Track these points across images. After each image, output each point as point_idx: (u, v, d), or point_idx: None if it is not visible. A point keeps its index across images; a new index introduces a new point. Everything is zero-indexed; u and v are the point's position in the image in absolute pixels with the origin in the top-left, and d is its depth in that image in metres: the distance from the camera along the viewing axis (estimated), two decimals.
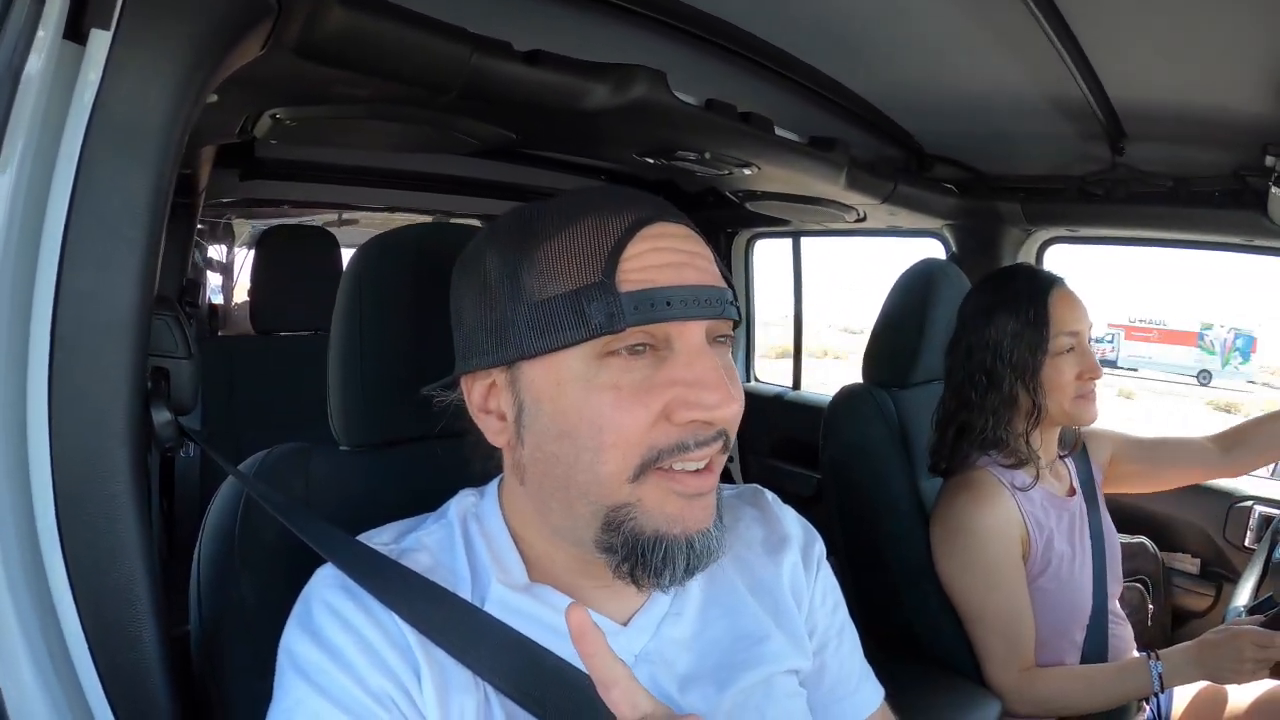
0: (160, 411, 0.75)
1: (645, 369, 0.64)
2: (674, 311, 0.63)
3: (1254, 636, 1.26)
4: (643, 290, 0.63)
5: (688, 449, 0.63)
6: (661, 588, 0.66)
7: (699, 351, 0.64)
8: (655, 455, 0.63)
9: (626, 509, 0.64)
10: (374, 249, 0.92)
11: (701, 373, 0.63)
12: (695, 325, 0.65)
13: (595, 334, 0.63)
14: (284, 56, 0.90)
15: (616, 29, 1.30)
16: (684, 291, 0.64)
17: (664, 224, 0.68)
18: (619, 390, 0.63)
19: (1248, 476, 2.04)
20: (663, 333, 0.64)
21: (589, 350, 0.64)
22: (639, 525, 0.64)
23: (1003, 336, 1.43)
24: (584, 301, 0.63)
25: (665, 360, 0.64)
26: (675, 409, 0.63)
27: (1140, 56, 1.35)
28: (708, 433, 0.64)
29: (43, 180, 0.64)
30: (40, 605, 0.66)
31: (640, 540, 0.64)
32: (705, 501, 0.66)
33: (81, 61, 0.64)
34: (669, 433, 0.63)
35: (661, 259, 0.65)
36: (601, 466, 0.64)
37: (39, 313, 0.65)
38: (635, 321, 0.62)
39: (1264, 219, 1.74)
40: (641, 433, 0.63)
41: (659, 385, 0.64)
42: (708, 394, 0.63)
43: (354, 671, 0.62)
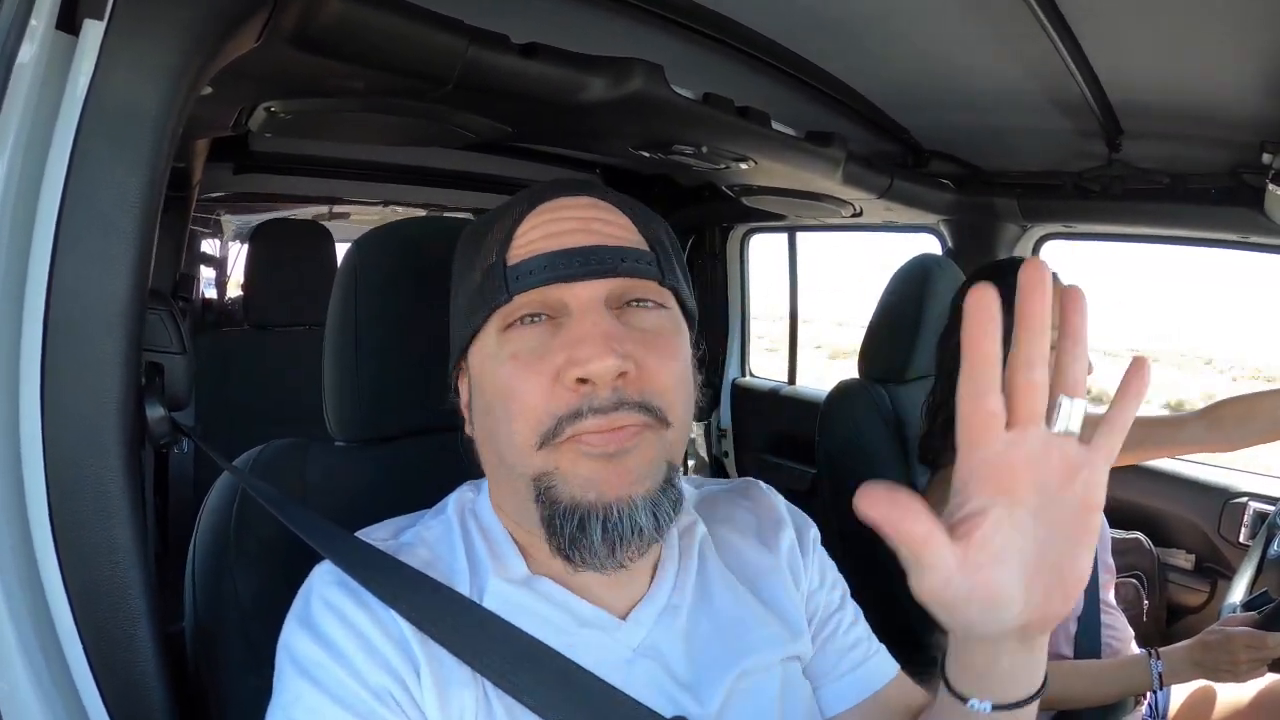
0: (154, 407, 0.74)
1: (542, 336, 0.66)
2: (555, 274, 0.65)
3: (1247, 638, 1.27)
4: (525, 260, 0.66)
5: (583, 416, 0.63)
6: (594, 567, 0.65)
7: (586, 310, 0.65)
8: (555, 424, 0.63)
9: (547, 477, 0.65)
10: (369, 243, 0.91)
11: (583, 330, 0.64)
12: (586, 286, 0.66)
13: (491, 309, 0.67)
14: (279, 48, 0.89)
15: (614, 22, 1.29)
16: (567, 254, 0.66)
17: (563, 199, 0.70)
18: (517, 359, 0.65)
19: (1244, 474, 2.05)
20: (557, 299, 0.66)
21: (494, 326, 0.67)
22: (558, 492, 0.64)
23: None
24: (485, 282, 0.67)
25: (561, 326, 0.66)
26: (562, 370, 0.63)
27: (1138, 53, 1.34)
28: (601, 397, 0.63)
29: (35, 172, 0.63)
30: (34, 602, 0.65)
31: (558, 509, 0.64)
32: (624, 466, 0.64)
33: (74, 52, 0.64)
34: (567, 399, 0.63)
35: (549, 229, 0.68)
36: (515, 436, 0.65)
37: (31, 306, 0.64)
38: (518, 289, 0.65)
39: (1260, 216, 1.74)
40: (540, 398, 0.64)
41: (553, 349, 0.64)
42: (582, 349, 0.62)
43: (353, 668, 0.62)
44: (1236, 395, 1.60)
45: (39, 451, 0.65)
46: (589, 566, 0.65)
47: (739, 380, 3.42)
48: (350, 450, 0.91)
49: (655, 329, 0.68)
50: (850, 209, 2.32)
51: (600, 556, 0.64)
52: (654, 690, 0.69)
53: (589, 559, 0.64)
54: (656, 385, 0.66)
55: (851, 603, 0.88)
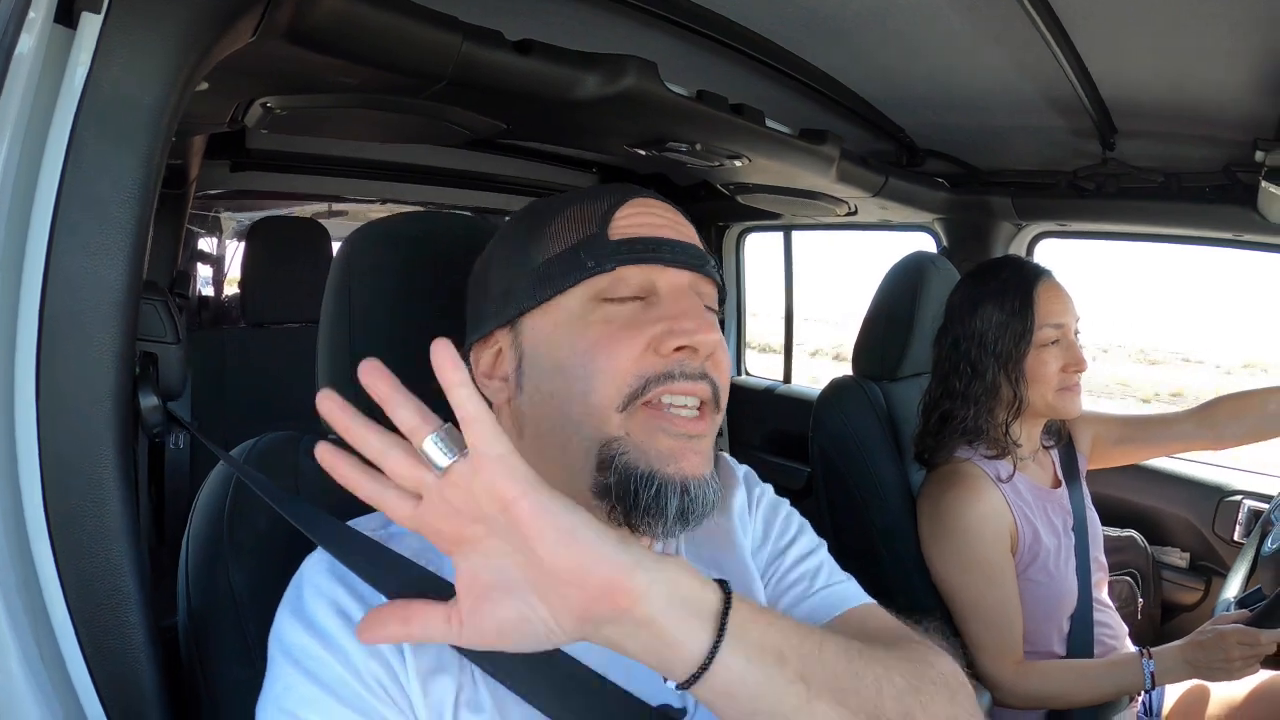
0: (147, 396, 0.75)
1: (635, 312, 0.70)
2: (660, 255, 0.70)
3: (1240, 636, 1.27)
4: (634, 237, 0.70)
5: (673, 378, 0.67)
6: (655, 534, 0.68)
7: (683, 292, 0.71)
8: (643, 384, 0.67)
9: (618, 443, 0.67)
10: (362, 237, 0.91)
11: (684, 307, 0.69)
12: (678, 273, 0.71)
13: (589, 274, 0.69)
14: (275, 43, 0.89)
15: (608, 19, 1.30)
16: (670, 243, 0.71)
17: (651, 198, 0.75)
18: (610, 324, 0.69)
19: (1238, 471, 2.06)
20: (649, 281, 0.70)
21: (584, 293, 0.70)
22: (631, 459, 0.67)
23: (987, 327, 1.44)
24: (580, 251, 0.70)
25: (653, 305, 0.70)
26: (660, 340, 0.67)
27: (1132, 52, 1.35)
28: (693, 365, 0.68)
29: (32, 163, 0.64)
30: (27, 592, 0.66)
31: (634, 476, 0.66)
32: (699, 447, 0.69)
33: (72, 45, 0.64)
34: (655, 363, 0.67)
35: (649, 219, 0.72)
36: (593, 395, 0.67)
37: (27, 295, 0.65)
38: (624, 261, 0.69)
39: (1253, 214, 1.75)
40: (630, 361, 0.67)
41: (646, 322, 0.69)
42: (687, 321, 0.68)
43: (345, 657, 0.62)
44: (1229, 393, 1.61)
45: (33, 440, 0.65)
46: (649, 533, 0.68)
47: (735, 379, 3.42)
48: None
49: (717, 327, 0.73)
50: (845, 207, 2.33)
51: (669, 525, 0.67)
52: (638, 677, 0.69)
53: (655, 527, 0.67)
54: (722, 374, 0.71)
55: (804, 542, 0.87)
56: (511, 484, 0.50)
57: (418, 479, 0.52)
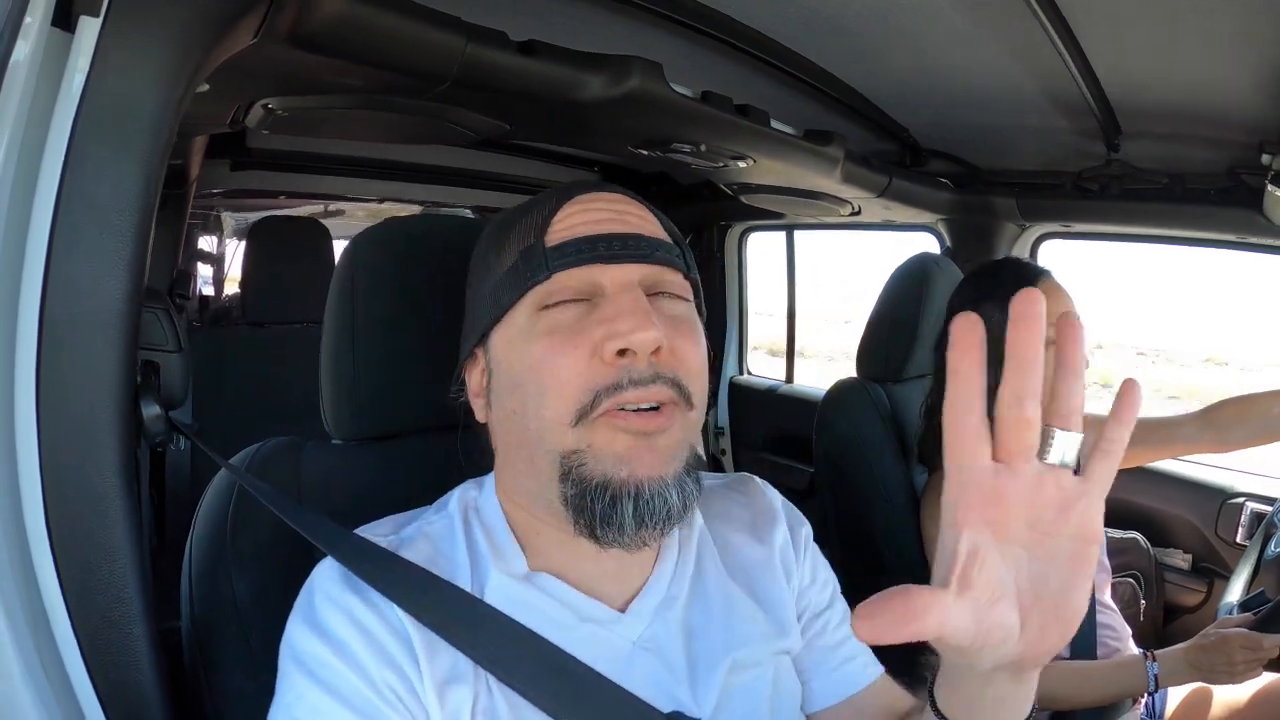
0: (150, 406, 0.74)
1: (578, 315, 0.68)
2: (596, 253, 0.68)
3: (1243, 640, 1.27)
4: (568, 240, 0.69)
5: (621, 388, 0.65)
6: (624, 545, 0.66)
7: (623, 290, 0.67)
8: (593, 397, 0.65)
9: (578, 455, 0.66)
10: (367, 240, 0.91)
11: (622, 305, 0.66)
12: (621, 270, 0.69)
13: (528, 286, 0.68)
14: (276, 45, 0.88)
15: (612, 20, 1.29)
16: (606, 238, 0.69)
17: (595, 192, 0.73)
18: (553, 335, 0.67)
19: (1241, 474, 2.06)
20: (591, 281, 0.68)
21: (528, 305, 0.69)
22: (589, 470, 0.65)
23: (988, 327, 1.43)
24: (521, 263, 0.69)
25: (597, 306, 0.68)
26: (600, 345, 0.65)
27: (1137, 53, 1.34)
28: (640, 368, 0.65)
29: (31, 169, 0.63)
30: (29, 601, 0.65)
31: (588, 485, 0.65)
32: (656, 445, 0.66)
33: (70, 49, 0.63)
34: (604, 372, 0.65)
35: (588, 217, 0.70)
36: (546, 411, 0.66)
37: (27, 304, 0.64)
38: (559, 267, 0.68)
39: (1259, 216, 1.74)
40: (577, 374, 0.65)
41: (589, 326, 0.66)
42: (623, 321, 0.65)
43: (358, 664, 0.62)
44: (1233, 396, 1.60)
45: (34, 449, 0.65)
46: (615, 544, 0.66)
47: (736, 379, 3.42)
48: (347, 449, 0.91)
49: (682, 316, 0.71)
50: (849, 208, 2.32)
51: (629, 533, 0.65)
52: (652, 684, 0.69)
53: (616, 536, 0.66)
54: (684, 367, 0.68)
55: (841, 602, 0.88)
56: (1097, 524, 0.50)
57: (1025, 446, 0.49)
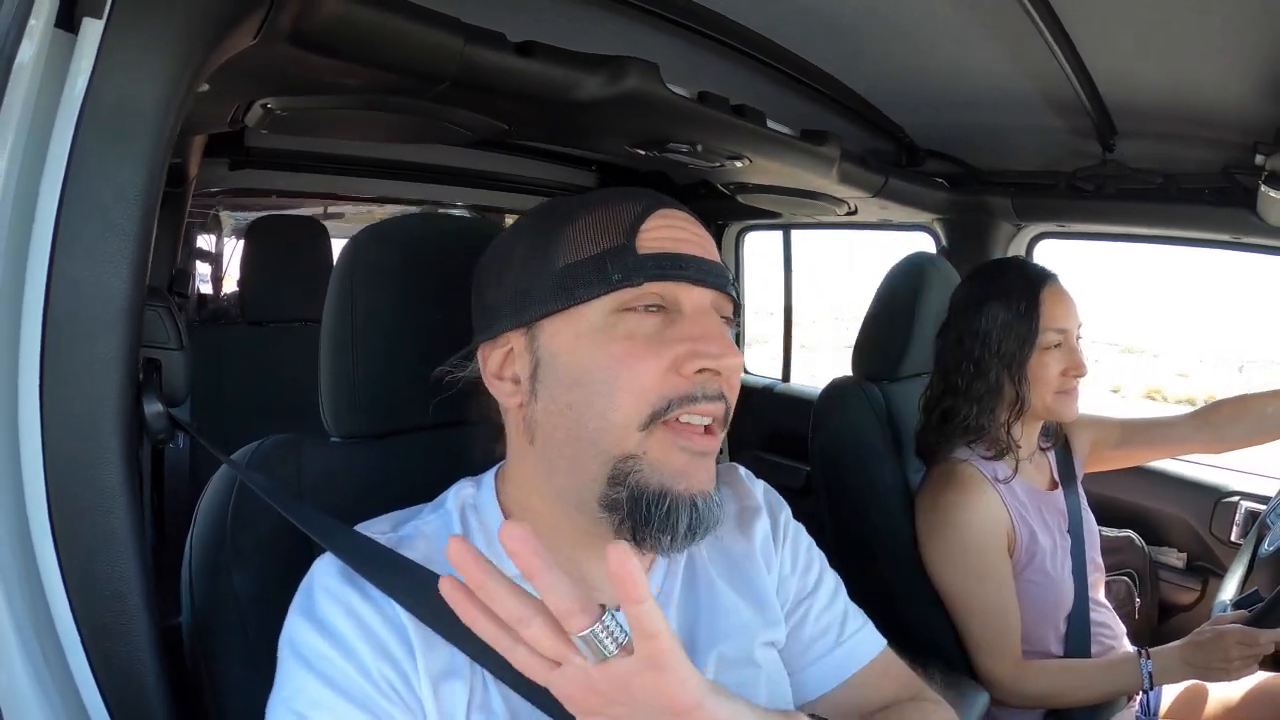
0: (152, 403, 0.74)
1: (658, 325, 0.69)
2: (687, 274, 0.69)
3: (1239, 636, 1.27)
4: (660, 253, 0.69)
5: (696, 400, 0.67)
6: (662, 550, 0.68)
7: (705, 312, 0.70)
8: (666, 405, 0.67)
9: (633, 460, 0.67)
10: (366, 239, 0.91)
11: (707, 328, 0.69)
12: (702, 291, 0.71)
13: (615, 287, 0.68)
14: (277, 46, 0.89)
15: (609, 21, 1.30)
16: (696, 260, 0.70)
17: (676, 210, 0.74)
18: (633, 340, 0.68)
19: (1236, 473, 2.06)
20: (673, 296, 0.69)
21: (607, 304, 0.68)
22: (645, 478, 0.67)
23: (992, 327, 1.44)
24: (606, 262, 0.68)
25: (675, 320, 0.69)
26: (684, 361, 0.67)
27: (1132, 53, 1.35)
28: (714, 386, 0.68)
29: (34, 169, 0.64)
30: (32, 597, 0.66)
31: (646, 493, 0.67)
32: (709, 463, 0.70)
33: (73, 50, 0.64)
34: (678, 384, 0.67)
35: (675, 234, 0.71)
36: (614, 413, 0.67)
37: (30, 303, 0.64)
38: (652, 277, 0.68)
39: (1252, 217, 1.75)
40: (654, 380, 0.67)
41: (670, 340, 0.68)
42: (712, 344, 0.67)
43: (355, 658, 0.63)
44: (1229, 396, 1.61)
45: (38, 446, 0.65)
46: (657, 548, 0.68)
47: None
48: (346, 446, 0.91)
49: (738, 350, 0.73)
50: (845, 207, 2.33)
51: (679, 541, 0.68)
52: None
53: (664, 543, 0.68)
54: (734, 392, 0.71)
55: (828, 584, 0.89)
56: (686, 694, 0.52)
57: (561, 654, 0.52)
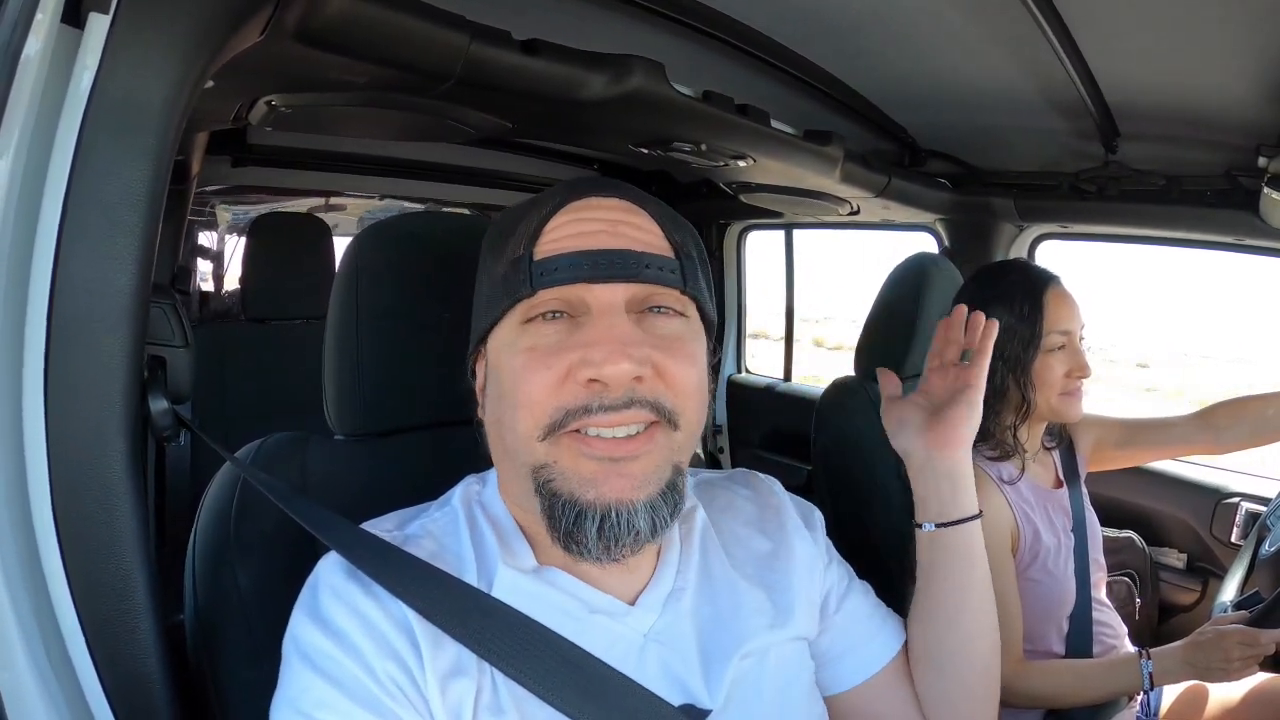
0: (157, 400, 0.74)
1: (560, 333, 0.67)
2: (578, 274, 0.66)
3: (1240, 636, 1.27)
4: (550, 257, 0.67)
5: (590, 412, 0.65)
6: (589, 559, 0.67)
7: (605, 313, 0.67)
8: (562, 416, 0.65)
9: (546, 469, 0.67)
10: (372, 238, 0.91)
11: (599, 333, 0.65)
12: (607, 289, 0.67)
13: (514, 301, 0.68)
14: (282, 43, 0.89)
15: (614, 19, 1.30)
16: (593, 256, 0.67)
17: (594, 198, 0.71)
18: (532, 352, 0.67)
19: (1236, 474, 2.07)
20: (577, 298, 0.67)
21: (515, 317, 0.69)
22: (556, 486, 0.66)
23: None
24: (511, 273, 0.68)
25: (581, 325, 0.67)
26: (575, 369, 0.65)
27: (1135, 56, 1.35)
28: (612, 396, 0.65)
29: (40, 166, 0.63)
30: (36, 595, 0.65)
31: (556, 502, 0.66)
32: (627, 470, 0.66)
33: (79, 46, 0.63)
34: (576, 394, 0.65)
35: (578, 229, 0.69)
36: (519, 424, 0.67)
37: (36, 299, 0.64)
38: (542, 285, 0.66)
39: (1255, 219, 1.76)
40: (547, 392, 0.65)
41: (568, 348, 0.66)
42: (597, 350, 0.64)
43: (361, 657, 0.62)
44: (1229, 398, 1.61)
45: (42, 443, 0.65)
46: (585, 559, 0.67)
47: (734, 376, 3.43)
48: (350, 444, 0.91)
49: (673, 335, 0.70)
50: (848, 207, 2.33)
51: (595, 552, 0.66)
52: (664, 676, 0.70)
53: (582, 552, 0.66)
54: (670, 388, 0.68)
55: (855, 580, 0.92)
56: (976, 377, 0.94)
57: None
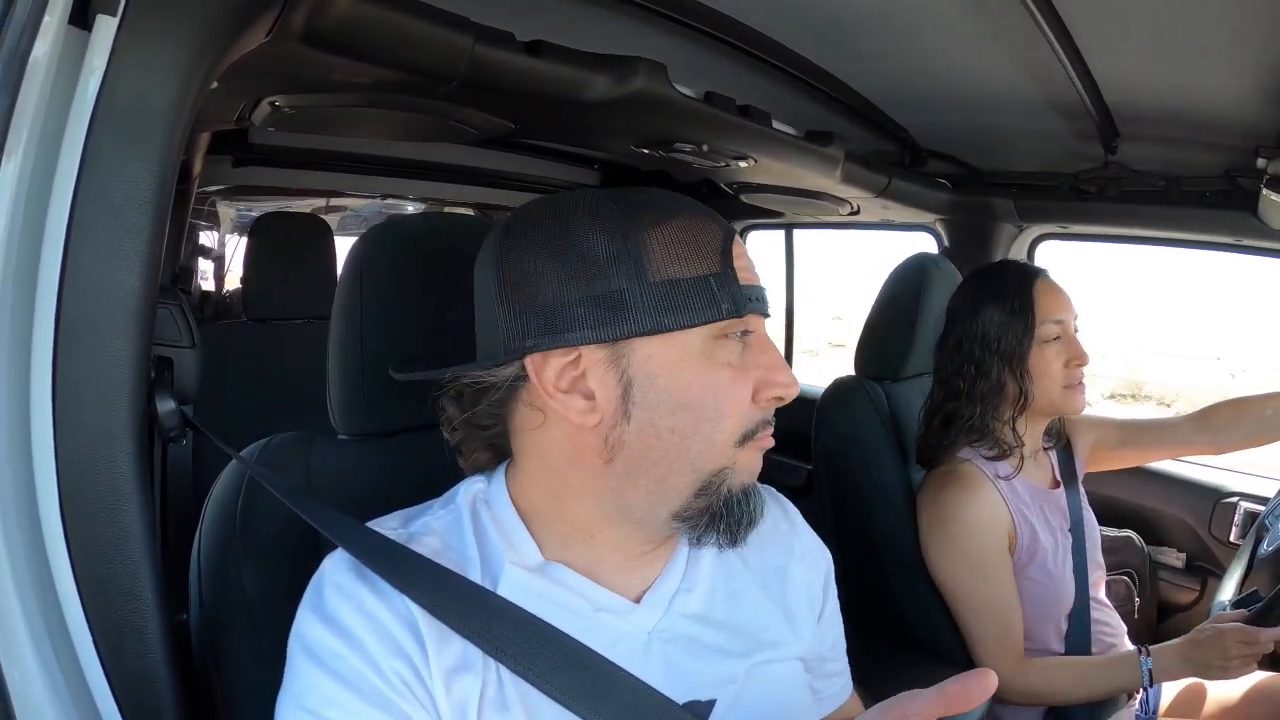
0: (164, 400, 0.75)
1: (742, 354, 0.72)
2: (763, 306, 0.73)
3: (1239, 634, 1.28)
4: (750, 285, 0.72)
5: (770, 423, 0.73)
6: (734, 540, 0.73)
7: (767, 340, 0.74)
8: (755, 426, 0.72)
9: (723, 472, 0.71)
10: (377, 237, 0.92)
11: (775, 358, 0.73)
12: (762, 321, 0.74)
13: (724, 317, 0.69)
14: (288, 44, 0.89)
15: (617, 21, 1.30)
16: (760, 290, 0.74)
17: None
18: (731, 368, 0.70)
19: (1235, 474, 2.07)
20: (753, 324, 0.73)
21: (711, 331, 0.69)
22: (732, 483, 0.72)
23: (989, 327, 1.45)
24: (713, 287, 0.69)
25: (748, 346, 0.72)
26: (760, 388, 0.71)
27: (1135, 57, 1.36)
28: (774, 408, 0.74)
29: (48, 167, 0.63)
30: (44, 596, 0.66)
31: (734, 495, 0.72)
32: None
33: (87, 48, 0.64)
34: (763, 408, 0.72)
35: (744, 263, 0.73)
36: (718, 435, 0.70)
37: (43, 301, 0.64)
38: (750, 310, 0.71)
39: (1254, 219, 1.76)
40: (748, 404, 0.71)
41: (750, 367, 0.71)
42: (783, 375, 0.72)
43: (367, 654, 0.63)
44: (1227, 399, 1.62)
45: (50, 443, 0.65)
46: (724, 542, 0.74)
47: None
48: (355, 444, 0.92)
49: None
50: (848, 207, 2.33)
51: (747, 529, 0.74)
52: (669, 675, 0.71)
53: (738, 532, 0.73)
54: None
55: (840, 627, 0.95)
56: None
57: None
